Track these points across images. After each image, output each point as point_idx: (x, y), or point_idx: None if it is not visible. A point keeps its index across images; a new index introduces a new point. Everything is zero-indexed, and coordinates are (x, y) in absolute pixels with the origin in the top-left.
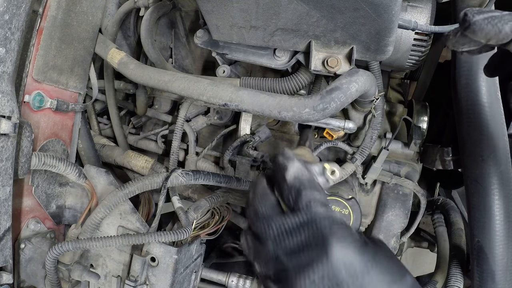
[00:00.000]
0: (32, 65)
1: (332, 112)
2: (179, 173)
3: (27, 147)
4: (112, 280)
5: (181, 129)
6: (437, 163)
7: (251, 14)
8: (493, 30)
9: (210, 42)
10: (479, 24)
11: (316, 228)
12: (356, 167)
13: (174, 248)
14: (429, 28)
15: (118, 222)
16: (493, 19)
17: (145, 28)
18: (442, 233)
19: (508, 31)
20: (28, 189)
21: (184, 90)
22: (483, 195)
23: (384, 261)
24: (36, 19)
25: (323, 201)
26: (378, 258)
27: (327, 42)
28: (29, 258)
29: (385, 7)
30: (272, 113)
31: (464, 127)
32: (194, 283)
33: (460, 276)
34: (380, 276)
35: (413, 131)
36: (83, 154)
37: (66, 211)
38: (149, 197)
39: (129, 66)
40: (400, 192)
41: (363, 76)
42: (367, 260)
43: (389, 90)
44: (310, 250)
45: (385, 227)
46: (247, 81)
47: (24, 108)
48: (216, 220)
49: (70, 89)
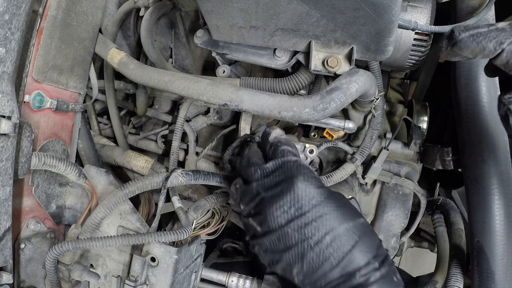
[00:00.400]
0: (32, 65)
1: (332, 112)
2: (179, 173)
3: (27, 147)
4: (112, 280)
5: (181, 129)
6: (437, 163)
7: (251, 14)
8: (478, 48)
9: (210, 42)
10: (465, 41)
11: (287, 169)
12: (356, 167)
13: (174, 248)
14: (429, 28)
15: (118, 222)
16: (478, 37)
17: (145, 28)
18: (442, 233)
19: (492, 49)
20: (28, 189)
21: (184, 90)
22: (483, 195)
23: (339, 202)
24: (36, 19)
25: (294, 153)
26: (334, 198)
27: (327, 42)
28: (29, 258)
29: (385, 7)
30: (272, 113)
31: (464, 127)
32: (194, 283)
33: (460, 276)
34: (335, 211)
35: (413, 131)
36: (83, 154)
37: (66, 211)
38: (149, 197)
39: (129, 66)
40: (400, 192)
41: (363, 76)
42: (325, 196)
43: (389, 90)
44: (281, 185)
45: (385, 227)
46: (247, 81)
47: (24, 108)
48: (216, 220)
49: (70, 89)
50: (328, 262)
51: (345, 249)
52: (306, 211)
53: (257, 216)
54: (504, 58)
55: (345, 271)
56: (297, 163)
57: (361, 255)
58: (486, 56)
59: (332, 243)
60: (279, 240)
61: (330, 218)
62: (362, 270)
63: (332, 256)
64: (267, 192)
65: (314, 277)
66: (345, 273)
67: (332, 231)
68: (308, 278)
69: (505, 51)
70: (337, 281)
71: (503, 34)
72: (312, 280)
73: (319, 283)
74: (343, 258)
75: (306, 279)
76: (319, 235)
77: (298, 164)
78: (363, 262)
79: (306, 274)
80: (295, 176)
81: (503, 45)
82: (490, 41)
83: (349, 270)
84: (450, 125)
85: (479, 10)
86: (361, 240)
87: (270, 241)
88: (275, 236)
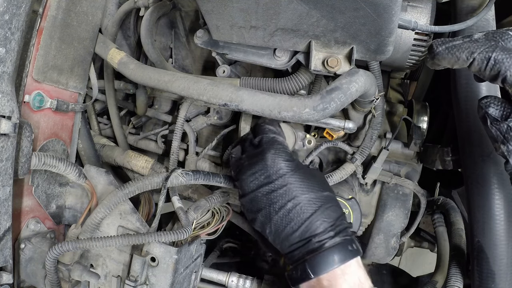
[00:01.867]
0: (32, 65)
1: (332, 112)
2: (179, 173)
3: (27, 147)
4: (112, 280)
5: (181, 129)
6: (437, 163)
7: (251, 14)
8: (453, 58)
9: (210, 42)
10: (442, 54)
11: (263, 143)
12: (356, 167)
13: (174, 248)
14: (429, 28)
15: (118, 222)
16: (453, 48)
17: (145, 28)
18: (442, 233)
19: (465, 58)
20: (28, 189)
21: (184, 90)
22: (483, 195)
23: (306, 175)
24: (36, 19)
25: (274, 131)
26: (300, 171)
27: (327, 42)
28: (29, 258)
29: (385, 7)
30: (272, 113)
31: (464, 127)
32: (194, 283)
33: (460, 276)
34: (299, 182)
35: (413, 131)
36: (83, 154)
37: (66, 211)
38: (149, 197)
39: (129, 66)
40: (400, 192)
41: (363, 76)
42: (292, 168)
43: (389, 90)
44: (257, 156)
45: (385, 227)
46: (247, 81)
47: (24, 108)
48: (216, 220)
49: (70, 89)
50: (289, 226)
51: (304, 216)
52: (274, 180)
53: (238, 181)
54: (476, 66)
55: (303, 236)
56: (273, 139)
57: (318, 223)
58: (461, 65)
59: (293, 210)
60: (251, 202)
61: (293, 188)
62: (317, 237)
63: (293, 221)
64: (246, 161)
65: (280, 238)
66: (303, 238)
67: (294, 199)
68: (277, 238)
69: (476, 60)
70: (296, 245)
71: (475, 44)
72: (280, 240)
73: (284, 245)
74: (301, 224)
75: (276, 239)
76: (282, 201)
77: (273, 139)
78: (320, 229)
79: (275, 234)
80: (267, 149)
81: (474, 55)
82: (463, 52)
83: (306, 236)
84: (450, 125)
85: (479, 10)
86: (320, 210)
87: (246, 202)
88: (248, 198)
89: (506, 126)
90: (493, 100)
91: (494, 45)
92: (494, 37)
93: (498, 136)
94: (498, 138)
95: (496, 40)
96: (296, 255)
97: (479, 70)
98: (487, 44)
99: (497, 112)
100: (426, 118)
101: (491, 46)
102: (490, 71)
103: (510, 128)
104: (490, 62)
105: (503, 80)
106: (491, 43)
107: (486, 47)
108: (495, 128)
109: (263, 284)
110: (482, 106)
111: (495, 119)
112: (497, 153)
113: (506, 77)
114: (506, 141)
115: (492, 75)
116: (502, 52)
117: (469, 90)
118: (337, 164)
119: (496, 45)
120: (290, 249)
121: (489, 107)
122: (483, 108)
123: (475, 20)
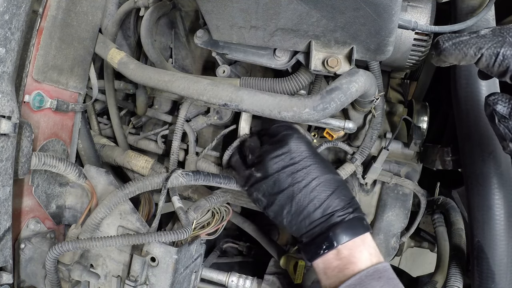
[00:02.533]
0: (32, 65)
1: (332, 112)
2: (179, 173)
3: (27, 147)
4: (112, 280)
5: (181, 129)
6: (437, 163)
7: (251, 14)
8: (460, 54)
9: (210, 42)
10: (448, 50)
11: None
12: (356, 167)
13: (174, 248)
14: (429, 28)
15: (118, 222)
16: (460, 44)
17: (145, 28)
18: (442, 233)
19: (473, 54)
20: (28, 189)
21: (184, 90)
22: (483, 195)
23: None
24: (36, 19)
25: (291, 126)
26: (319, 155)
27: (327, 42)
28: (29, 258)
29: (385, 7)
30: (272, 113)
31: (464, 127)
32: (194, 283)
33: (459, 276)
34: (320, 163)
35: (413, 131)
36: (83, 154)
37: (66, 211)
38: (149, 197)
39: (129, 66)
40: (400, 192)
41: (363, 76)
42: (312, 151)
43: (389, 90)
44: (280, 141)
45: (385, 227)
46: (247, 81)
47: (24, 108)
48: (216, 220)
49: (70, 89)
50: (312, 203)
51: (326, 193)
52: (298, 161)
53: (258, 165)
54: (484, 62)
55: (325, 212)
56: (293, 128)
57: (338, 201)
58: (469, 61)
59: (316, 187)
60: (274, 183)
61: (316, 168)
62: (339, 212)
63: (316, 198)
64: (268, 146)
65: (301, 217)
66: (325, 213)
67: (318, 178)
68: (295, 218)
69: (484, 55)
70: (318, 221)
71: (482, 40)
72: (298, 220)
73: (304, 223)
74: (324, 200)
75: (293, 220)
76: (307, 180)
77: (293, 128)
78: (340, 206)
79: (294, 214)
80: (291, 135)
81: (482, 50)
82: (470, 47)
83: (328, 211)
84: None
85: (479, 10)
86: (338, 189)
87: (267, 185)
88: (271, 181)
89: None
90: (501, 97)
91: (502, 40)
92: (502, 32)
93: (507, 134)
94: (506, 136)
95: (504, 36)
96: (316, 231)
97: (487, 66)
98: (495, 39)
99: (505, 110)
100: (426, 118)
101: (499, 41)
102: (499, 67)
103: None
104: (499, 58)
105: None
106: (499, 39)
107: (494, 43)
108: (504, 126)
109: (263, 284)
110: (490, 103)
111: (503, 116)
112: (505, 151)
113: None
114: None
115: (501, 71)
116: (510, 48)
117: (469, 90)
118: (337, 164)
119: (504, 41)
120: (310, 226)
121: (497, 104)
122: (490, 106)
123: (475, 20)
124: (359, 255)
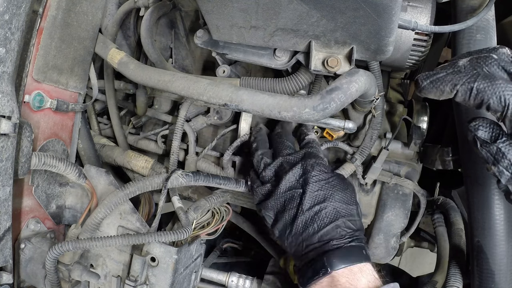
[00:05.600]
0: (32, 65)
1: (332, 112)
2: (179, 174)
3: (27, 147)
4: (112, 280)
5: (181, 129)
6: (437, 163)
7: (251, 14)
8: (438, 92)
9: (210, 42)
10: (427, 88)
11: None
12: (356, 167)
13: (174, 248)
14: (429, 28)
15: (118, 222)
16: (436, 82)
17: (145, 28)
18: (442, 233)
19: (449, 90)
20: (28, 189)
21: (184, 90)
22: (483, 195)
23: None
24: (36, 19)
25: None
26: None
27: (327, 42)
28: (29, 258)
29: (385, 7)
30: (272, 113)
31: (464, 127)
32: (194, 283)
33: (459, 276)
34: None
35: (413, 131)
36: (83, 154)
37: (66, 211)
38: (149, 197)
39: (129, 66)
40: (400, 192)
41: (363, 76)
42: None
43: (389, 90)
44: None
45: (385, 227)
46: (247, 81)
47: (24, 108)
48: (216, 220)
49: (70, 89)
50: (312, 227)
51: (327, 221)
52: (310, 183)
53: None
54: (460, 97)
55: (322, 238)
56: (317, 152)
57: (338, 231)
58: (446, 96)
59: (319, 213)
60: (284, 200)
61: (324, 194)
62: (335, 241)
63: (316, 223)
64: (288, 164)
65: (299, 239)
66: (321, 240)
67: (323, 203)
68: (295, 240)
69: (459, 91)
70: (314, 246)
71: (457, 76)
72: (297, 242)
73: (301, 246)
74: (323, 227)
75: (293, 241)
76: (311, 204)
77: (316, 152)
78: (339, 235)
79: (294, 235)
80: (309, 157)
81: (457, 87)
82: (446, 85)
83: (324, 239)
84: (450, 125)
85: (479, 10)
86: (340, 220)
87: (276, 202)
88: (282, 198)
89: (496, 148)
90: (481, 122)
91: (476, 73)
92: (478, 62)
93: (489, 157)
94: (488, 159)
95: (480, 66)
96: (311, 255)
97: (464, 100)
98: (470, 73)
99: (486, 134)
100: (426, 118)
101: (473, 75)
102: (474, 101)
103: (500, 150)
104: (473, 92)
105: (487, 108)
106: (474, 72)
107: (468, 78)
108: (485, 150)
109: (263, 284)
110: (471, 129)
111: (485, 141)
112: (489, 173)
113: (490, 104)
114: (496, 162)
115: (477, 104)
116: (483, 81)
117: None
118: (337, 164)
119: (478, 74)
120: (306, 250)
121: (478, 130)
122: (472, 132)
123: (475, 20)
124: (356, 282)
